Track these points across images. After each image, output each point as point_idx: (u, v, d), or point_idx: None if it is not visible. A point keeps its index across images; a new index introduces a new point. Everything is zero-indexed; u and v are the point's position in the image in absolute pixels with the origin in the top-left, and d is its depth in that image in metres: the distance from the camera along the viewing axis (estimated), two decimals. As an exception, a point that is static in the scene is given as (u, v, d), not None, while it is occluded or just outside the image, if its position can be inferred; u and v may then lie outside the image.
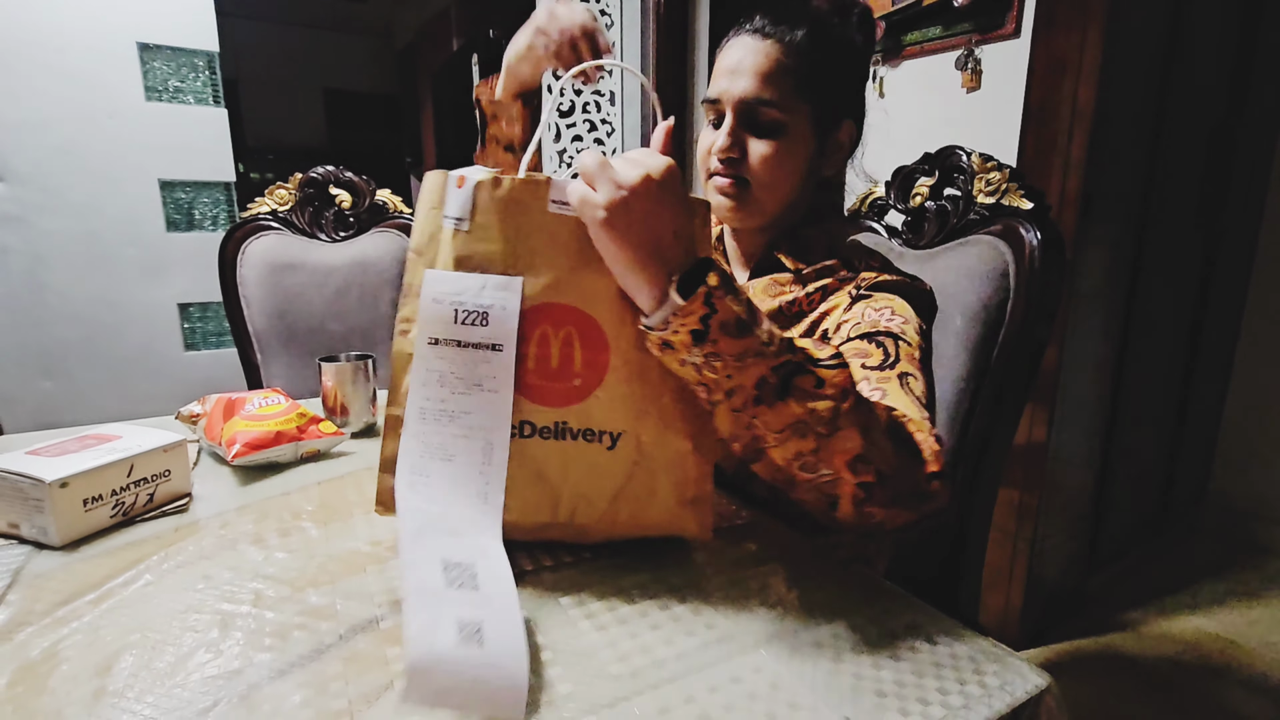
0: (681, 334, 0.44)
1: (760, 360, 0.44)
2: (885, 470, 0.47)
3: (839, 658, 0.42)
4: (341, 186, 1.39)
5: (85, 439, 0.63)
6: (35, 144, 1.66)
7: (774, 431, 0.46)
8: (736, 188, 0.72)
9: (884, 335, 0.63)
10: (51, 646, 0.43)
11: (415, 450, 0.49)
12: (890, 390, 0.57)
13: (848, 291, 0.71)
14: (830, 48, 0.71)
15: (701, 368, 0.45)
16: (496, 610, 0.41)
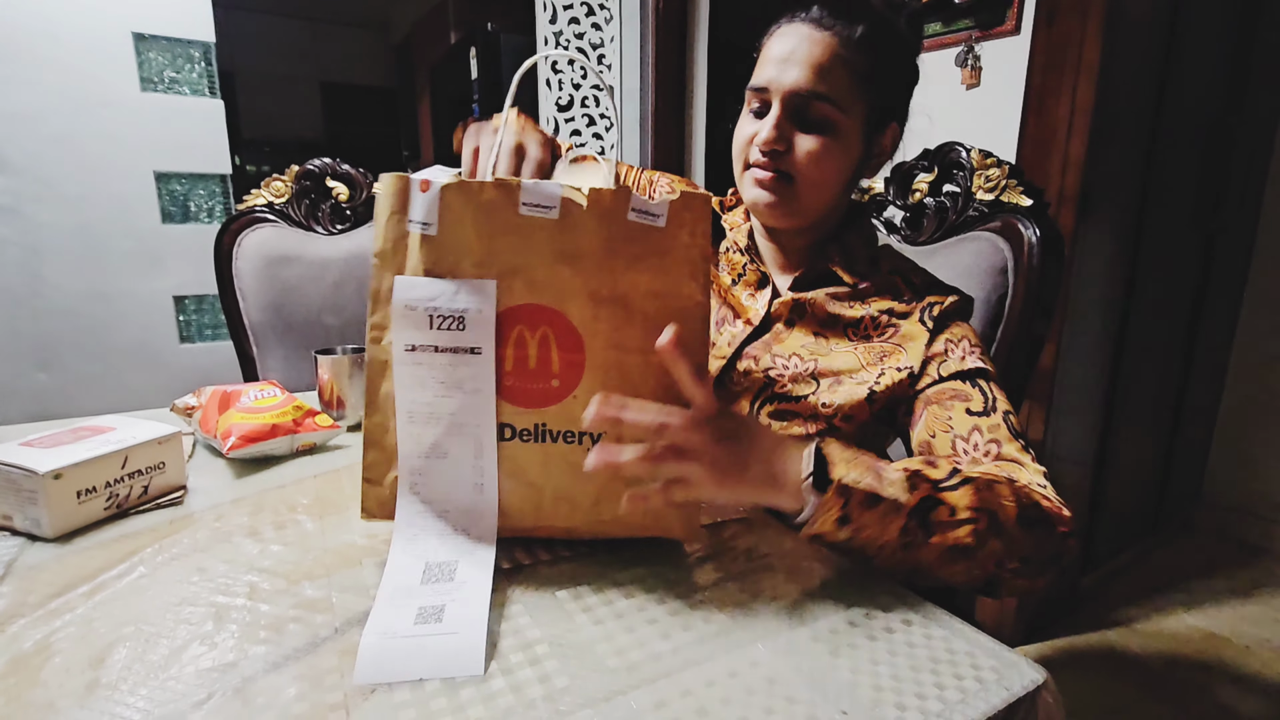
0: (828, 524, 0.48)
1: (898, 515, 0.48)
2: (1029, 554, 0.50)
3: (836, 652, 0.42)
4: (338, 179, 1.39)
5: (79, 430, 0.63)
6: (29, 134, 1.65)
7: (929, 561, 0.49)
8: (778, 182, 0.68)
9: (975, 374, 0.65)
10: (44, 639, 0.43)
11: (411, 451, 0.49)
12: (1002, 439, 0.60)
13: (919, 320, 0.70)
14: (889, 46, 0.68)
15: (851, 540, 0.48)
16: (464, 594, 0.43)
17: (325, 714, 0.36)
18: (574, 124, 2.32)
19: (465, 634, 0.41)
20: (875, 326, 0.72)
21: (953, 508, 0.49)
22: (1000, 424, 0.61)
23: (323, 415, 0.78)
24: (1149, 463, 1.93)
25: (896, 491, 0.48)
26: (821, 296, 0.73)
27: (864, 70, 0.66)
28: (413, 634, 0.40)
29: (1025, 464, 0.58)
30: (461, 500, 0.49)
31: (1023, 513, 0.50)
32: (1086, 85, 1.30)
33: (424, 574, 0.46)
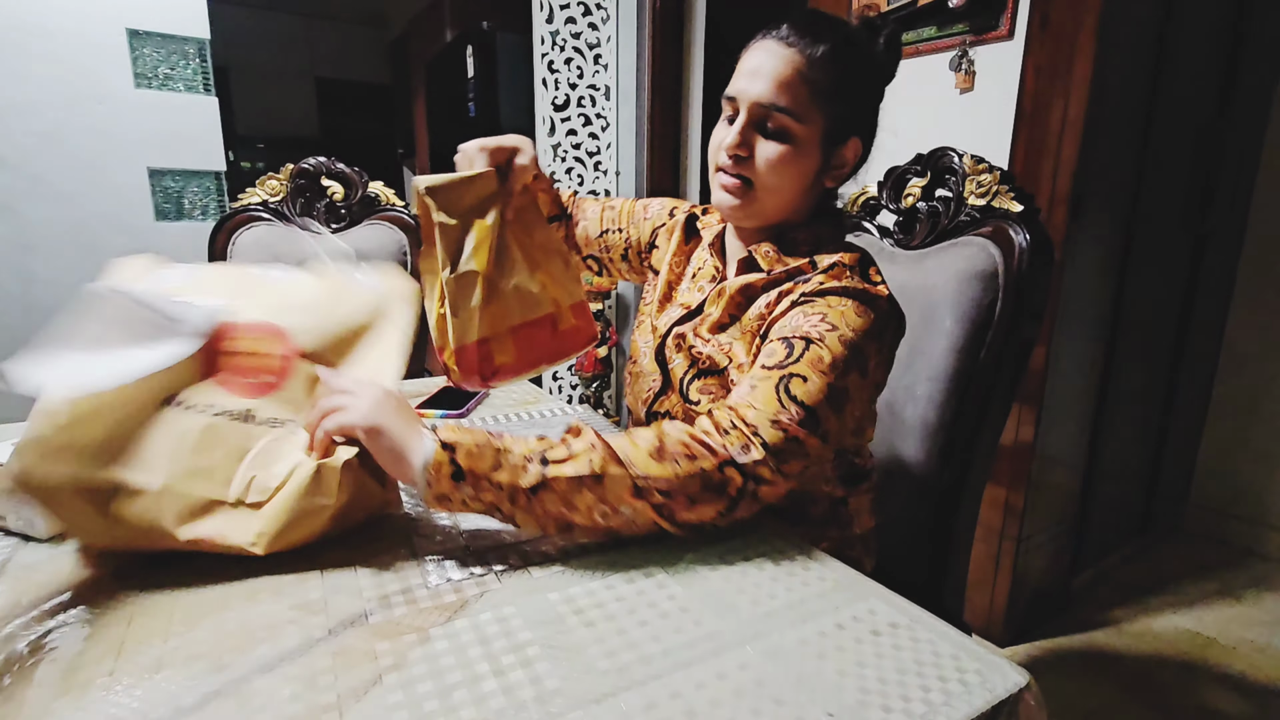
0: (444, 481, 0.53)
1: (515, 462, 0.54)
2: (666, 487, 0.54)
3: (823, 655, 0.42)
4: (333, 178, 1.39)
5: (73, 431, 0.63)
6: (22, 130, 1.64)
7: (562, 505, 0.54)
8: (740, 188, 0.73)
9: (799, 339, 0.65)
10: (38, 639, 0.43)
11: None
12: (762, 388, 0.62)
13: (792, 297, 0.71)
14: (852, 65, 0.72)
15: (479, 495, 0.53)
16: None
17: (319, 715, 0.37)
18: (569, 124, 2.32)
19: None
20: (767, 305, 0.74)
21: (568, 444, 0.55)
22: (773, 377, 0.62)
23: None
24: (1138, 464, 1.95)
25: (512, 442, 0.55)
26: (738, 283, 0.76)
27: (825, 86, 0.70)
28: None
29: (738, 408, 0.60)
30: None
31: (659, 449, 0.55)
32: (1079, 90, 1.31)
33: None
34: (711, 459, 0.56)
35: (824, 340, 0.64)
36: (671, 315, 0.83)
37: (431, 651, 0.42)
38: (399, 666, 0.41)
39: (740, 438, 0.57)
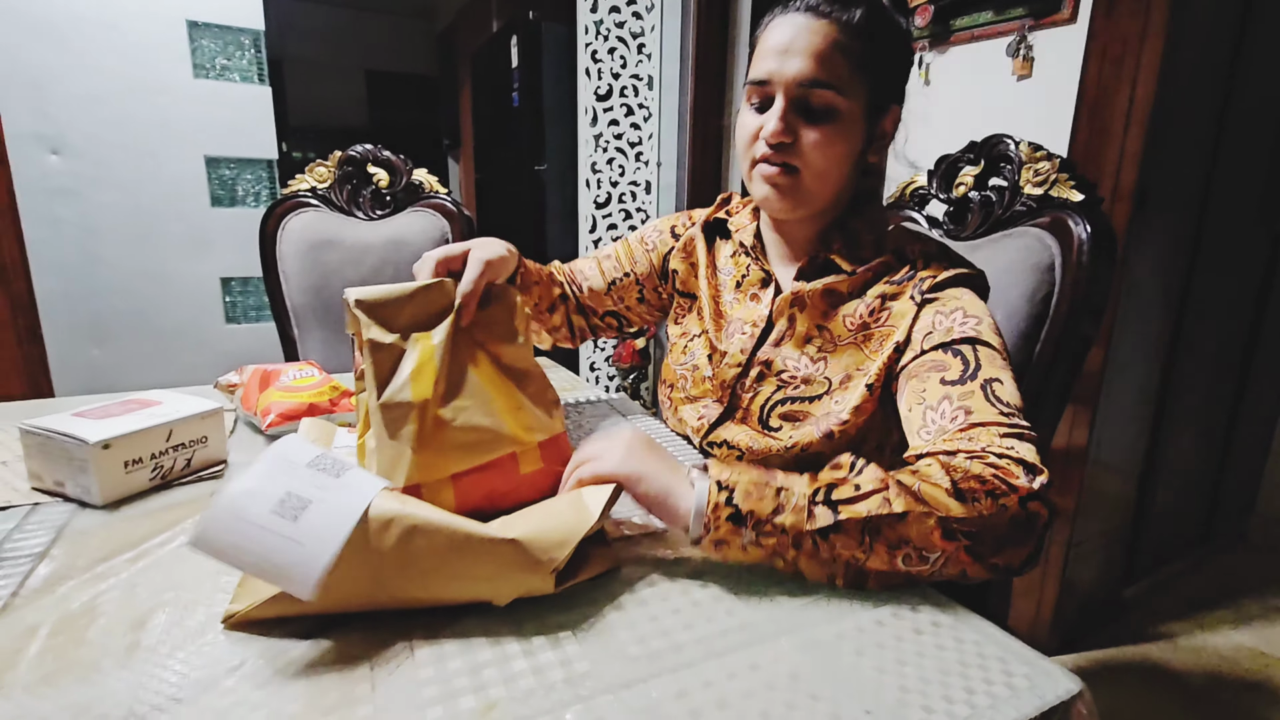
0: (723, 526, 0.47)
1: (797, 503, 0.47)
2: (974, 529, 0.47)
3: (861, 651, 0.41)
4: (379, 165, 1.41)
5: (128, 403, 0.65)
6: (89, 119, 1.71)
7: (856, 547, 0.47)
8: (786, 176, 0.69)
9: (961, 343, 0.62)
10: (90, 600, 0.44)
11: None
12: (975, 406, 0.57)
13: (910, 297, 0.68)
14: (886, 29, 0.68)
15: (759, 540, 0.48)
16: (338, 497, 0.40)
17: (353, 684, 0.37)
18: (612, 113, 2.31)
19: (310, 549, 0.39)
20: (870, 311, 0.71)
21: (857, 484, 0.49)
22: (975, 390, 0.57)
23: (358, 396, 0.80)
24: (1200, 472, 1.85)
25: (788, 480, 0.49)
26: (820, 288, 0.73)
27: (863, 55, 0.66)
28: (263, 525, 0.38)
29: (990, 429, 0.54)
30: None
31: (955, 488, 0.48)
32: (1148, 77, 1.24)
33: (316, 457, 0.43)
34: (1013, 495, 0.49)
35: (982, 335, 0.62)
36: (741, 339, 0.77)
37: (462, 628, 0.42)
38: (431, 640, 0.41)
39: (1018, 465, 0.51)
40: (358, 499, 0.41)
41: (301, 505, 0.40)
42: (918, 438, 0.59)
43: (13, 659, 0.39)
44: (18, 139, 1.65)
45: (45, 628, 0.41)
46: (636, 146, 2.37)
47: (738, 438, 0.75)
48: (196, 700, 0.36)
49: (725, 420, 0.77)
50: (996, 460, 0.51)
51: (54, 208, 1.71)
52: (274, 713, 0.35)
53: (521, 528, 0.44)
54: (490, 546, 0.42)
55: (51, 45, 1.65)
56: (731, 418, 0.77)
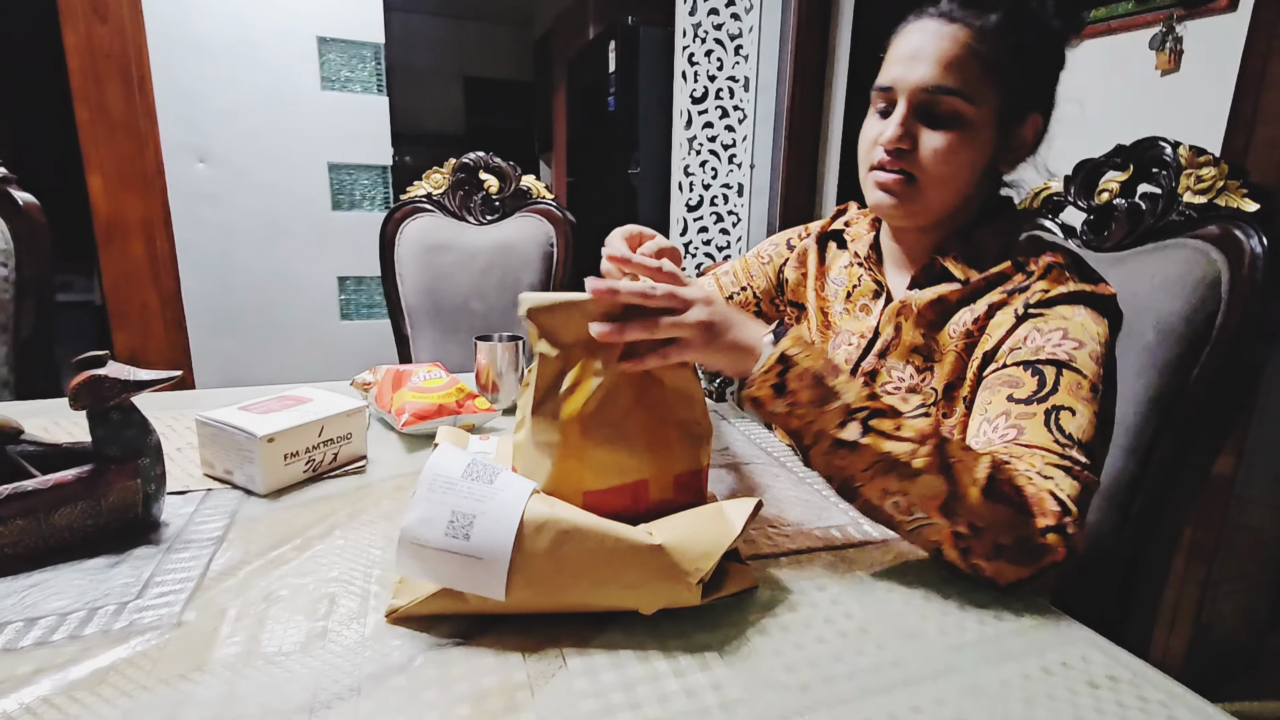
0: (765, 389, 0.51)
1: (838, 406, 0.50)
2: (979, 523, 0.48)
3: (1031, 701, 0.39)
4: (490, 172, 1.46)
5: (285, 399, 0.70)
6: (231, 130, 1.87)
7: (859, 471, 0.50)
8: (901, 184, 0.67)
9: (1047, 363, 0.58)
10: (266, 587, 0.48)
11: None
12: (1030, 427, 0.54)
13: (1015, 309, 0.64)
14: (1027, 33, 0.64)
15: (788, 417, 0.51)
16: (497, 506, 0.43)
17: (513, 691, 0.38)
18: (706, 116, 2.30)
19: (488, 561, 0.42)
20: (974, 320, 0.67)
21: (900, 424, 0.49)
22: (1036, 414, 0.55)
23: (481, 399, 0.83)
24: (1365, 512, 1.64)
25: (844, 386, 0.50)
26: (927, 299, 0.69)
27: (998, 60, 0.63)
28: (442, 548, 0.42)
29: (1036, 454, 0.53)
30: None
31: (991, 484, 0.48)
32: (1323, 70, 1.11)
33: (469, 467, 0.46)
34: (1043, 520, 0.48)
35: (1074, 361, 0.58)
36: (848, 350, 0.76)
37: (609, 639, 0.43)
38: (581, 650, 0.42)
39: (1051, 498, 0.49)
40: (514, 504, 0.43)
41: (468, 522, 0.42)
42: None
43: (210, 637, 0.42)
44: (173, 149, 1.83)
45: (233, 610, 0.45)
46: (730, 149, 2.35)
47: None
48: (373, 694, 0.38)
49: None
50: (1036, 483, 0.50)
51: (200, 212, 1.88)
52: (445, 714, 0.37)
53: (667, 535, 0.44)
54: (637, 553, 0.43)
55: (201, 62, 1.81)
56: None
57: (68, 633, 0.42)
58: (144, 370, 0.53)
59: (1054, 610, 0.48)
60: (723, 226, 2.43)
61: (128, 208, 1.83)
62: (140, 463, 0.54)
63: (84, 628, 0.43)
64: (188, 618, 0.44)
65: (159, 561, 0.51)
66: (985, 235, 0.71)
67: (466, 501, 0.43)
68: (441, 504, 0.43)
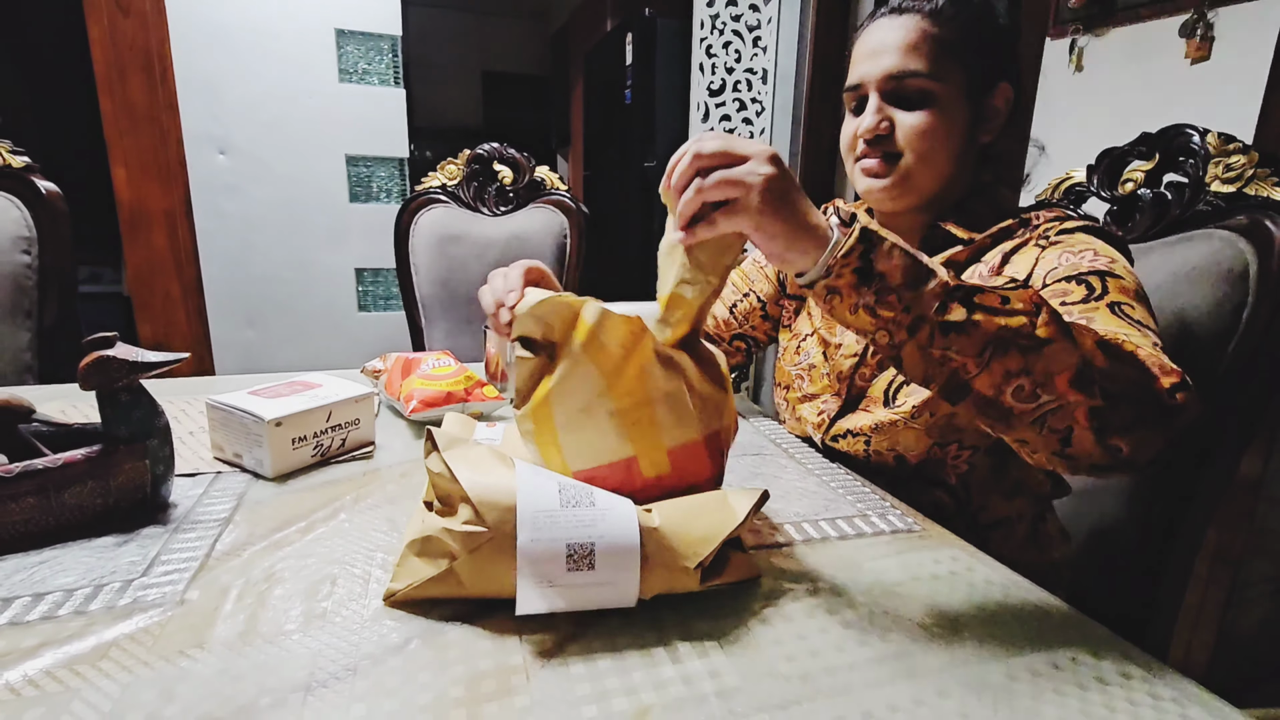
0: (846, 275, 0.42)
1: (935, 285, 0.42)
2: (1114, 388, 0.42)
3: (1039, 697, 0.37)
4: (504, 163, 1.46)
5: (294, 384, 0.71)
6: (250, 121, 1.89)
7: (973, 356, 0.42)
8: (886, 164, 0.69)
9: (1089, 274, 0.56)
10: (270, 567, 0.48)
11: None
12: (1099, 316, 0.51)
13: (1035, 243, 0.65)
14: (977, 9, 0.67)
15: (875, 308, 0.42)
16: (611, 525, 0.41)
17: (509, 674, 0.38)
18: (724, 109, 2.28)
19: (619, 584, 0.41)
20: (989, 268, 0.68)
21: (1004, 296, 0.42)
22: (1099, 308, 0.52)
23: (489, 387, 0.83)
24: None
25: (933, 263, 0.43)
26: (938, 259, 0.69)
27: (954, 38, 0.66)
28: (569, 583, 0.40)
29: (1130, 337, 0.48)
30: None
31: (1109, 346, 0.43)
32: (1363, 56, 1.07)
33: (560, 494, 0.43)
34: (1168, 378, 0.43)
35: (1114, 269, 0.56)
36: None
37: (606, 626, 0.42)
38: (578, 635, 0.41)
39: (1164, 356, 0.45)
40: (628, 523, 0.42)
41: (587, 552, 0.41)
42: None
43: (211, 616, 0.42)
44: (194, 140, 1.85)
45: (235, 589, 0.45)
46: (749, 142, 2.33)
47: (860, 423, 0.73)
48: (369, 673, 0.38)
49: (846, 412, 0.76)
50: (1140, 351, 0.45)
51: (221, 203, 1.91)
52: (440, 695, 0.36)
53: (667, 517, 0.44)
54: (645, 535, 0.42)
55: (222, 53, 1.83)
56: (853, 409, 0.75)
57: (73, 608, 0.43)
58: (151, 352, 0.54)
59: (1066, 606, 0.47)
60: (739, 220, 2.41)
61: (151, 198, 1.86)
62: (149, 444, 0.54)
63: (89, 604, 0.43)
64: (190, 596, 0.44)
65: (166, 541, 0.51)
66: (980, 207, 0.72)
67: (577, 531, 0.41)
68: (554, 539, 0.41)
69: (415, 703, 0.36)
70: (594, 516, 0.42)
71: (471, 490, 0.42)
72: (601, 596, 0.41)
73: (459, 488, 0.42)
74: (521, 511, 0.41)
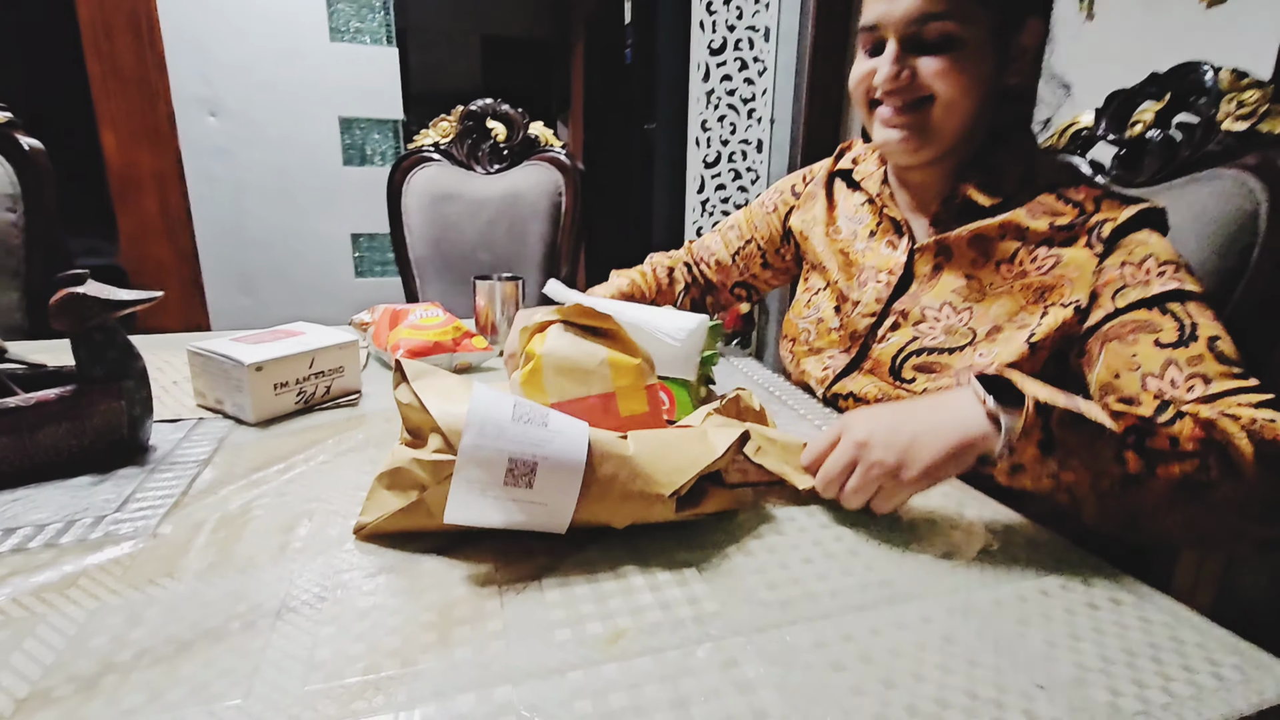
0: (1030, 451, 0.42)
1: (1106, 441, 0.42)
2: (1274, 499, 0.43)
3: (1025, 621, 0.36)
4: (498, 119, 1.43)
5: (276, 332, 0.70)
6: (241, 82, 1.85)
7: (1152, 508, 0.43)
8: (909, 112, 0.64)
9: (1166, 299, 0.55)
10: (246, 504, 0.48)
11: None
12: (1210, 372, 0.51)
13: (1086, 244, 0.61)
14: None
15: (1059, 474, 0.42)
16: (559, 448, 0.40)
17: (482, 601, 0.37)
18: (725, 68, 2.23)
19: (554, 505, 0.40)
20: (1033, 259, 0.63)
21: (1173, 437, 0.42)
22: (1203, 352, 0.51)
23: (478, 338, 0.82)
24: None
25: (1099, 415, 0.42)
26: (966, 234, 0.66)
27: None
28: (502, 497, 0.39)
29: (1239, 399, 0.48)
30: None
31: (1261, 450, 0.42)
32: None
33: (514, 409, 0.42)
34: None
35: (1185, 284, 0.56)
36: (876, 288, 0.72)
37: (586, 557, 0.42)
38: (556, 566, 0.41)
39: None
40: (576, 449, 0.41)
41: (529, 469, 0.40)
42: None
43: (184, 548, 0.42)
44: (184, 102, 1.82)
45: (209, 524, 0.45)
46: (749, 103, 2.28)
47: (865, 389, 0.71)
48: (340, 600, 0.37)
49: (852, 371, 0.73)
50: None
51: (212, 167, 1.88)
52: (410, 619, 0.36)
53: (641, 446, 0.43)
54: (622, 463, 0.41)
55: (211, 12, 1.78)
56: (858, 368, 0.72)
57: (44, 541, 0.42)
58: (124, 290, 0.53)
59: (1058, 538, 0.46)
60: (741, 184, 2.37)
61: (141, 162, 1.84)
62: (124, 385, 0.53)
63: (60, 537, 0.42)
64: (164, 530, 0.44)
65: (142, 480, 0.50)
66: (1001, 160, 0.68)
67: (524, 447, 0.40)
68: (498, 451, 0.39)
69: (386, 624, 0.35)
70: (544, 436, 0.41)
71: (441, 418, 0.41)
72: (534, 517, 0.40)
73: (428, 418, 0.41)
74: (470, 415, 0.39)
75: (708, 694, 0.31)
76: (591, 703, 0.30)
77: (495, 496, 0.39)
